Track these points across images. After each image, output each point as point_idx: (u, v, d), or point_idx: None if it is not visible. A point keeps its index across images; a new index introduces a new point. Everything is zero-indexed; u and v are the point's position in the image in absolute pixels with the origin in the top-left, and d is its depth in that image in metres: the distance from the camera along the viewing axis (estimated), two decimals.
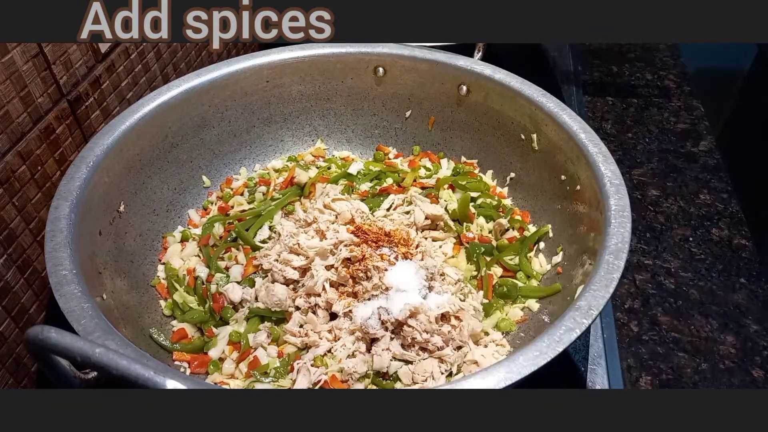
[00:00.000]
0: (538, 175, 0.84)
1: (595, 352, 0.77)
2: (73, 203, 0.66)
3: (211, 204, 0.90)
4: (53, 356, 0.44)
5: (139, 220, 0.79)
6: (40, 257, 0.71)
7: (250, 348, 0.70)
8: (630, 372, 0.77)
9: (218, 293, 0.75)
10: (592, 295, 0.56)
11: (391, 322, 0.68)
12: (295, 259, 0.74)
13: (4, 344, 0.67)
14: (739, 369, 0.77)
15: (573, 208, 0.76)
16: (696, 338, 0.81)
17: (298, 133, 0.98)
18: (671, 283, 0.88)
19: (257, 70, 0.89)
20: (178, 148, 0.85)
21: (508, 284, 0.75)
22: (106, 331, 0.53)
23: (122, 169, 0.76)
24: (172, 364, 0.70)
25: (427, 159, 0.96)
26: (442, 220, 0.82)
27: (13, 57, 0.63)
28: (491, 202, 0.87)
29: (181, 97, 0.83)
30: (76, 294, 0.56)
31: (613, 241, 0.61)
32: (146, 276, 0.78)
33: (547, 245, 0.80)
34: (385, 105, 0.96)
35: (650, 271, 0.90)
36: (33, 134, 0.68)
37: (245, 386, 0.67)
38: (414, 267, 0.73)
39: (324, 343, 0.69)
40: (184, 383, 0.44)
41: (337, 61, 0.92)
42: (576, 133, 0.74)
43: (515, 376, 0.49)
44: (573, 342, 0.52)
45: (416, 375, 0.66)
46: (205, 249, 0.81)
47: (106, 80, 0.80)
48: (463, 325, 0.69)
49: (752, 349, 0.79)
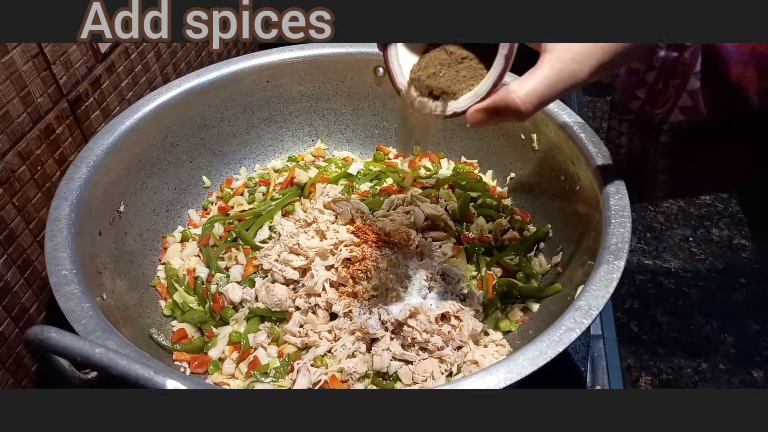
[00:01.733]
0: (538, 175, 0.84)
1: (595, 352, 0.77)
2: (73, 203, 0.66)
3: (211, 204, 0.90)
4: (53, 356, 0.44)
5: (139, 220, 0.79)
6: (40, 257, 0.71)
7: (250, 348, 0.70)
8: (630, 372, 0.77)
9: (218, 293, 0.75)
10: (592, 295, 0.56)
11: (391, 322, 0.68)
12: (295, 259, 0.74)
13: (4, 344, 0.67)
14: (739, 369, 0.77)
15: (573, 208, 0.76)
16: (696, 338, 0.81)
17: (298, 133, 0.98)
18: (671, 283, 0.88)
19: (257, 70, 0.89)
20: (178, 148, 0.85)
21: (508, 284, 0.75)
22: (106, 331, 0.53)
23: (122, 169, 0.76)
24: (172, 364, 0.70)
25: (427, 159, 0.96)
26: (442, 220, 0.82)
27: (13, 57, 0.63)
28: (491, 202, 0.87)
29: (181, 97, 0.83)
30: (76, 294, 0.56)
31: (613, 241, 0.61)
32: (146, 276, 0.78)
33: (547, 245, 0.80)
34: (385, 105, 0.96)
35: (650, 271, 0.90)
36: (33, 134, 0.68)
37: (245, 386, 0.67)
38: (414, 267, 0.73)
39: (324, 343, 0.69)
40: (184, 383, 0.44)
41: (337, 61, 0.92)
42: (576, 133, 0.74)
43: (515, 376, 0.49)
44: (573, 342, 0.52)
45: (416, 375, 0.66)
46: (205, 249, 0.81)
47: (106, 80, 0.80)
48: (463, 325, 0.69)
49: (752, 349, 0.79)
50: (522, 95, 0.52)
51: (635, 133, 0.63)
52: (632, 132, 0.63)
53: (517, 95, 0.52)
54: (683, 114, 0.57)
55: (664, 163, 0.63)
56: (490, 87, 0.54)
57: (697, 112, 0.56)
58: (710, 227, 0.97)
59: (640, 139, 0.62)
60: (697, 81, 0.55)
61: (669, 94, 0.57)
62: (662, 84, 0.56)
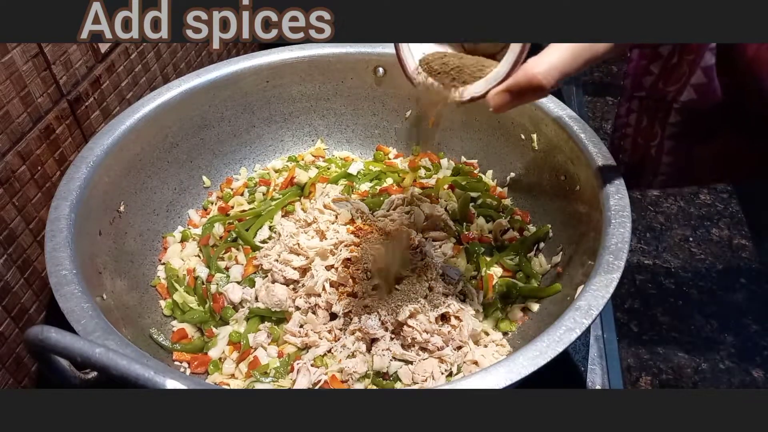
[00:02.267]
0: (538, 175, 0.84)
1: (595, 352, 0.77)
2: (73, 203, 0.66)
3: (211, 204, 0.90)
4: (53, 356, 0.44)
5: (139, 220, 0.79)
6: (40, 257, 0.71)
7: (250, 348, 0.70)
8: (630, 372, 0.77)
9: (218, 293, 0.75)
10: (592, 295, 0.56)
11: (391, 322, 0.68)
12: (295, 259, 0.74)
13: (4, 344, 0.67)
14: (739, 369, 0.77)
15: (573, 208, 0.76)
16: (696, 338, 0.81)
17: (298, 133, 0.98)
18: (671, 283, 0.88)
19: (257, 70, 0.89)
20: (178, 148, 0.85)
21: (508, 284, 0.75)
22: (106, 331, 0.53)
23: (122, 169, 0.76)
24: (172, 364, 0.70)
25: (427, 159, 0.96)
26: (442, 220, 0.82)
27: (13, 57, 0.63)
28: (491, 202, 0.87)
29: (181, 97, 0.83)
30: (76, 294, 0.56)
31: (613, 241, 0.61)
32: (146, 276, 0.78)
33: (547, 245, 0.80)
34: (385, 105, 0.96)
35: (650, 271, 0.90)
36: (33, 134, 0.68)
37: (245, 386, 0.67)
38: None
39: (324, 343, 0.69)
40: (184, 383, 0.44)
41: (337, 61, 0.92)
42: (576, 133, 0.74)
43: (515, 376, 0.49)
44: (573, 342, 0.52)
45: (416, 375, 0.66)
46: (205, 249, 0.81)
47: (106, 80, 0.80)
48: (463, 325, 0.69)
49: (752, 349, 0.79)
50: (542, 70, 0.51)
51: (644, 112, 0.62)
52: (641, 111, 0.62)
53: (537, 71, 0.51)
54: (696, 92, 0.57)
55: (669, 145, 0.62)
56: (510, 67, 0.53)
57: (711, 90, 0.56)
58: (710, 227, 0.97)
59: (648, 118, 0.62)
60: (712, 57, 0.55)
61: (683, 70, 0.56)
62: (677, 58, 0.56)
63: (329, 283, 0.72)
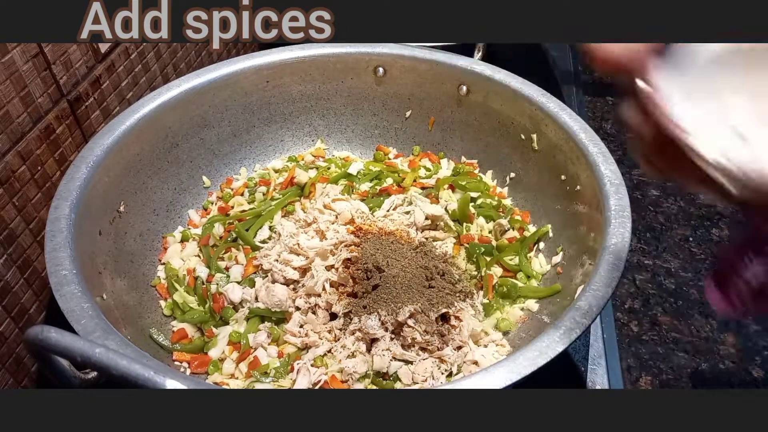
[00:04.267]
0: (538, 175, 0.84)
1: (595, 352, 0.77)
2: (73, 203, 0.66)
3: (211, 204, 0.90)
4: (53, 356, 0.44)
5: (139, 220, 0.79)
6: (40, 257, 0.71)
7: (250, 348, 0.70)
8: (630, 372, 0.77)
9: (218, 293, 0.75)
10: (592, 295, 0.56)
11: (391, 322, 0.68)
12: (295, 260, 0.74)
13: (4, 344, 0.67)
14: (739, 369, 0.77)
15: (573, 208, 0.76)
16: (696, 338, 0.81)
17: (298, 133, 0.98)
18: (671, 283, 0.88)
19: (257, 70, 0.89)
20: (178, 148, 0.85)
21: (508, 284, 0.75)
22: (106, 331, 0.53)
23: (122, 169, 0.76)
24: (172, 364, 0.70)
25: (427, 159, 0.96)
26: (442, 220, 0.82)
27: (13, 57, 0.63)
28: (491, 202, 0.87)
29: (181, 97, 0.83)
30: (76, 294, 0.56)
31: (613, 241, 0.61)
32: (146, 276, 0.78)
33: (547, 245, 0.80)
34: (385, 105, 0.96)
35: (650, 271, 0.90)
36: (33, 134, 0.68)
37: (245, 386, 0.67)
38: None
39: (324, 343, 0.69)
40: (184, 383, 0.44)
41: (337, 61, 0.92)
42: (576, 133, 0.74)
43: (515, 376, 0.49)
44: (573, 342, 0.52)
45: (416, 375, 0.66)
46: (205, 249, 0.81)
47: (106, 80, 0.80)
48: (463, 325, 0.69)
49: (752, 349, 0.79)
50: None
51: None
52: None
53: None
54: None
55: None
56: None
57: None
58: (710, 227, 0.97)
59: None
60: None
61: None
62: None
63: (329, 283, 0.72)
